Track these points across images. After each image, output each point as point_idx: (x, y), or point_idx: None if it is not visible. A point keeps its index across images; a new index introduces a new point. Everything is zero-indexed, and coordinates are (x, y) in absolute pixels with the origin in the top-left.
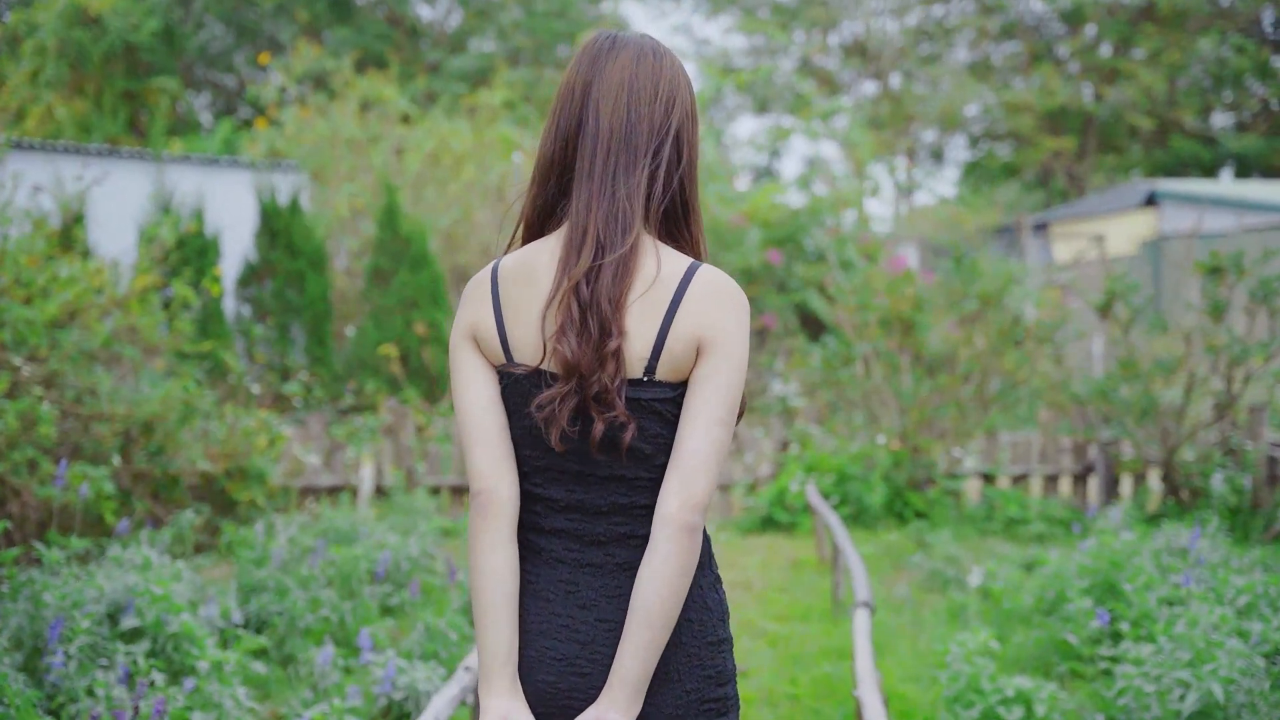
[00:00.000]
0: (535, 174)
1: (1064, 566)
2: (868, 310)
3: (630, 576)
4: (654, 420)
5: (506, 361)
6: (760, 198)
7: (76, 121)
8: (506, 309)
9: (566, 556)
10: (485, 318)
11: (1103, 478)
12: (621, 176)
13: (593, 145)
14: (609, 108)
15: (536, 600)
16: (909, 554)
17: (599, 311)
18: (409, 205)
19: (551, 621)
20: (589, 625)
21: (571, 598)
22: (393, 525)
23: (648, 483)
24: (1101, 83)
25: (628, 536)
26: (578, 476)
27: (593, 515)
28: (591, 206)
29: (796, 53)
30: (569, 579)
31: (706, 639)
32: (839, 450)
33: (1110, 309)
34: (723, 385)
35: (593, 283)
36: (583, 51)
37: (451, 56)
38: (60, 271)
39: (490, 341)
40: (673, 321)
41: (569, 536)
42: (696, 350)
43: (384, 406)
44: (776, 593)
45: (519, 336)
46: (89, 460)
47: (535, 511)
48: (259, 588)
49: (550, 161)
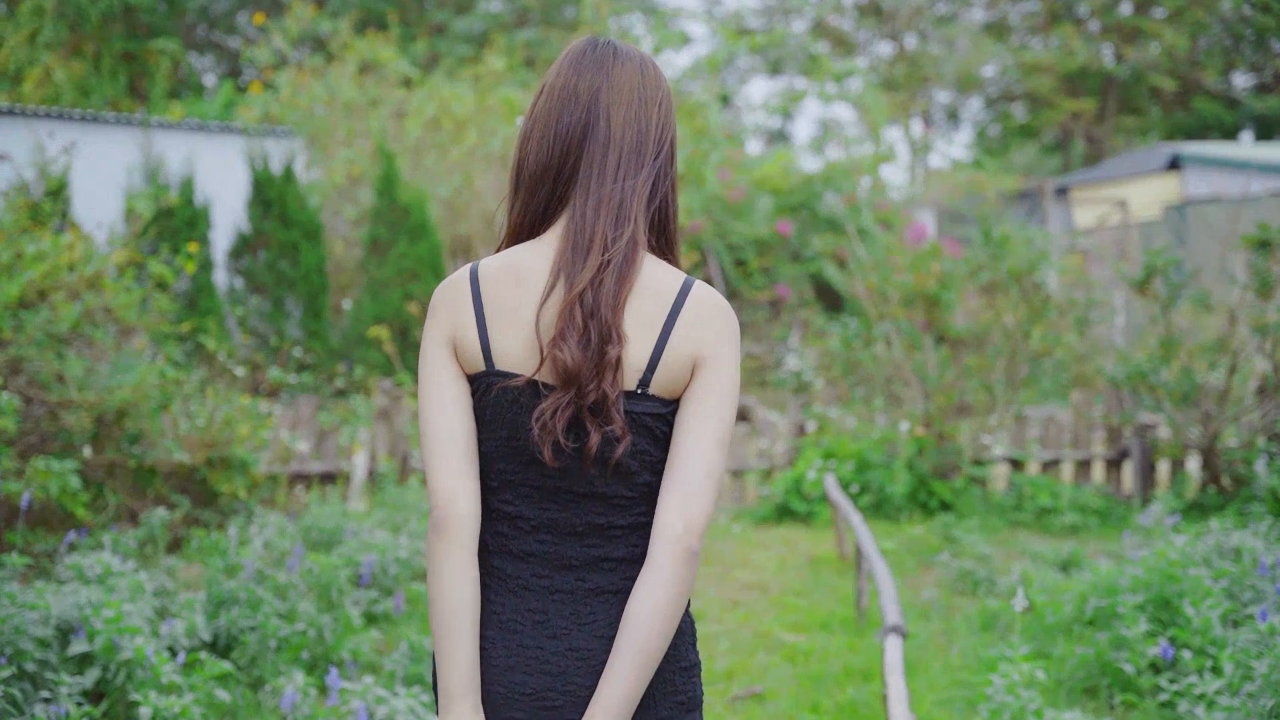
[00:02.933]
0: (525, 179)
1: (1115, 578)
2: (891, 287)
3: (602, 603)
4: (644, 436)
5: (486, 369)
6: (772, 165)
7: (75, 84)
8: (490, 314)
9: (534, 584)
10: (465, 323)
11: (1138, 464)
12: (629, 183)
13: (603, 150)
14: (621, 114)
15: (504, 632)
16: (935, 550)
17: (600, 318)
18: (408, 172)
19: (520, 655)
20: (560, 656)
21: (540, 628)
22: (383, 520)
23: (626, 501)
24: (1122, 42)
25: (600, 560)
26: (554, 493)
27: (565, 536)
28: (600, 211)
29: (810, 13)
30: (538, 608)
31: (679, 663)
32: (859, 435)
33: (1149, 285)
34: (722, 406)
35: (596, 288)
36: (580, 56)
37: (457, 17)
38: (28, 248)
39: (470, 348)
40: (670, 335)
41: (538, 560)
42: (691, 368)
43: (377, 389)
44: (794, 597)
45: (503, 343)
46: (59, 451)
47: (502, 533)
48: (230, 600)
49: (546, 166)
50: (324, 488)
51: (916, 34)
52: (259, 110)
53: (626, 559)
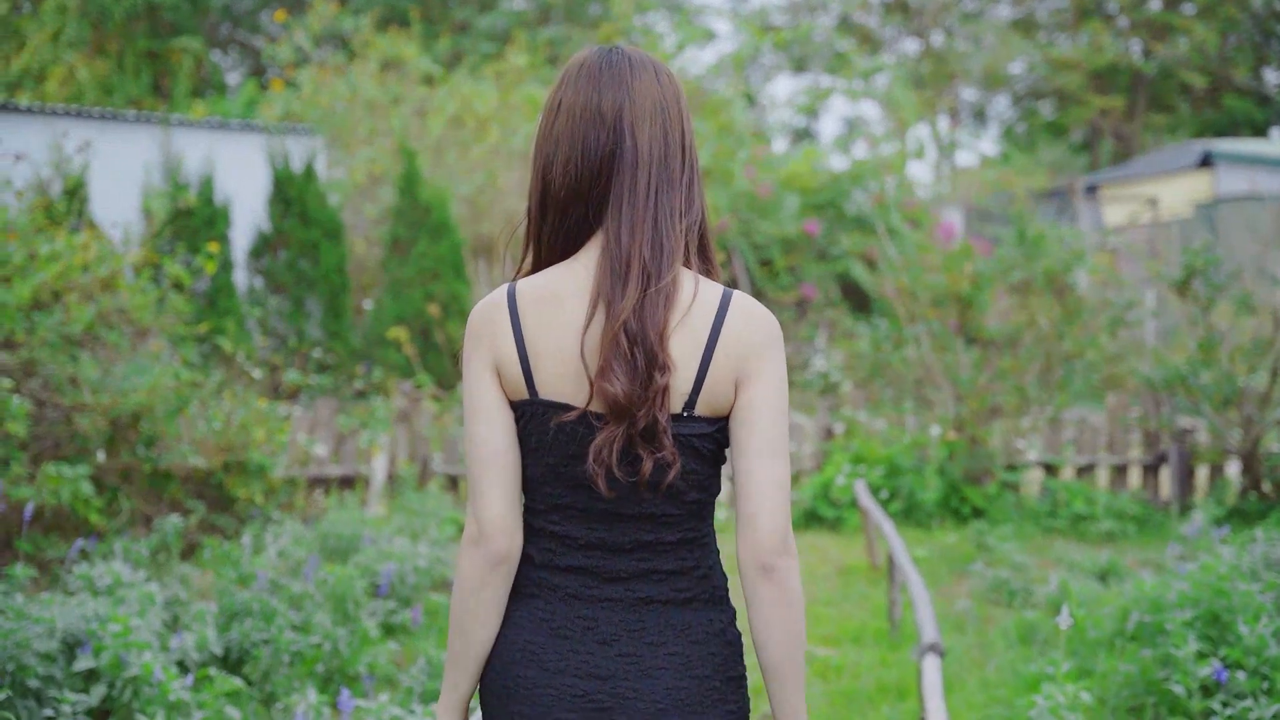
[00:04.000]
0: (552, 202)
1: (1161, 592)
2: (921, 288)
3: (652, 611)
4: (691, 457)
5: (530, 397)
6: (800, 163)
7: (98, 83)
8: (530, 341)
9: (584, 593)
10: (507, 350)
11: (1176, 469)
12: (664, 200)
13: (632, 170)
14: (646, 130)
15: (555, 637)
16: (968, 559)
17: (647, 345)
18: (430, 170)
19: (570, 659)
20: (610, 661)
21: (591, 634)
22: (402, 526)
23: (675, 519)
24: (1151, 39)
25: (650, 572)
26: (603, 515)
27: (613, 552)
28: (636, 234)
29: (836, 9)
30: (588, 615)
31: (728, 673)
32: (889, 439)
33: (1189, 285)
34: (773, 416)
35: (639, 315)
36: (597, 71)
37: (480, 15)
38: (42, 248)
39: (512, 375)
40: (713, 355)
41: (587, 574)
42: (735, 385)
43: (397, 391)
44: (824, 607)
45: (545, 371)
46: (73, 455)
47: (549, 549)
48: (242, 611)
49: (575, 189)
50: (343, 492)
51: (943, 30)
52: (280, 108)
53: (676, 571)
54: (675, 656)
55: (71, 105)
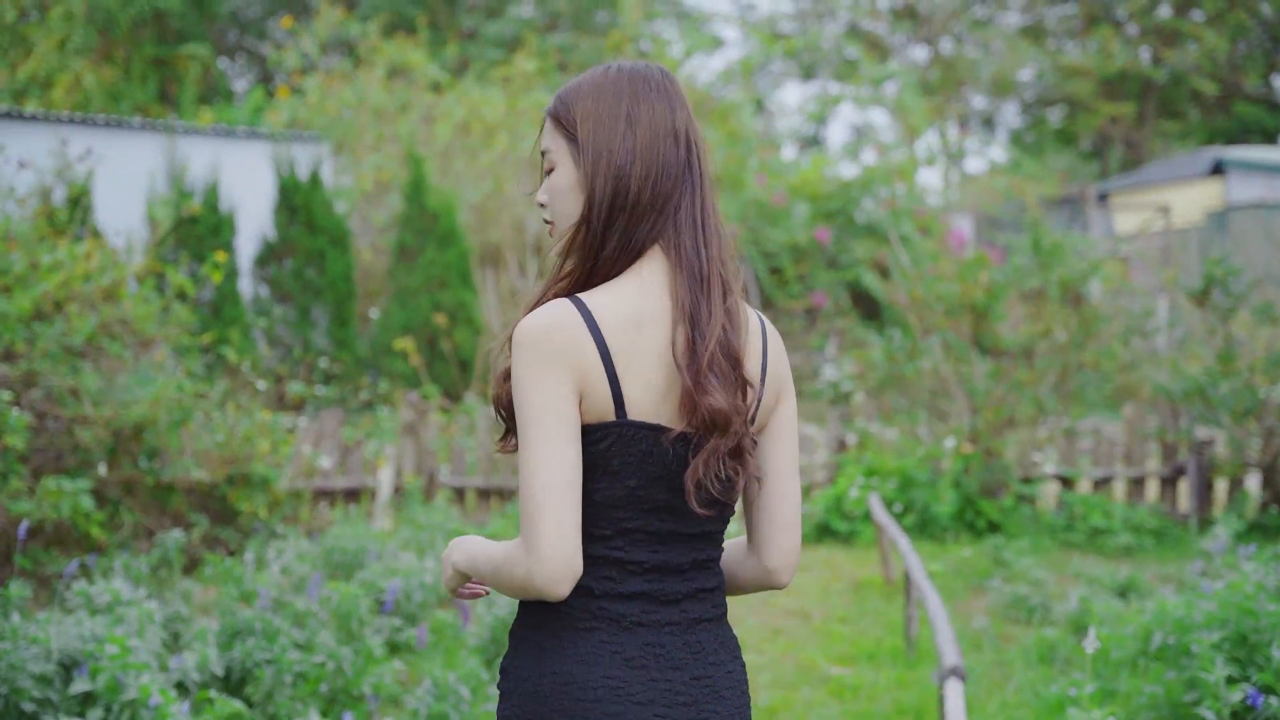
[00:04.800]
0: (621, 212)
1: (1187, 612)
2: (935, 297)
3: (705, 630)
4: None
5: (618, 419)
6: (810, 170)
7: (105, 90)
8: (618, 361)
9: (645, 619)
10: (594, 371)
11: (1195, 482)
12: (718, 214)
13: (699, 185)
14: (702, 146)
15: (633, 669)
16: (984, 574)
17: (736, 360)
18: (437, 177)
19: (654, 689)
20: (688, 686)
21: (661, 660)
22: (408, 540)
23: (719, 535)
24: (1162, 45)
25: (698, 591)
26: (667, 536)
27: (672, 574)
28: (710, 248)
29: (844, 16)
30: (654, 641)
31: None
32: (903, 450)
33: (1208, 295)
34: (795, 434)
35: (728, 331)
36: (663, 89)
37: (488, 22)
38: (44, 257)
39: (599, 397)
40: (766, 373)
41: (645, 599)
42: (776, 400)
43: (403, 401)
44: (839, 624)
45: (633, 390)
46: (74, 468)
47: (609, 577)
48: (245, 630)
49: (652, 202)
50: (348, 505)
51: (952, 37)
52: (286, 115)
53: (715, 588)
54: (732, 674)
55: (76, 113)
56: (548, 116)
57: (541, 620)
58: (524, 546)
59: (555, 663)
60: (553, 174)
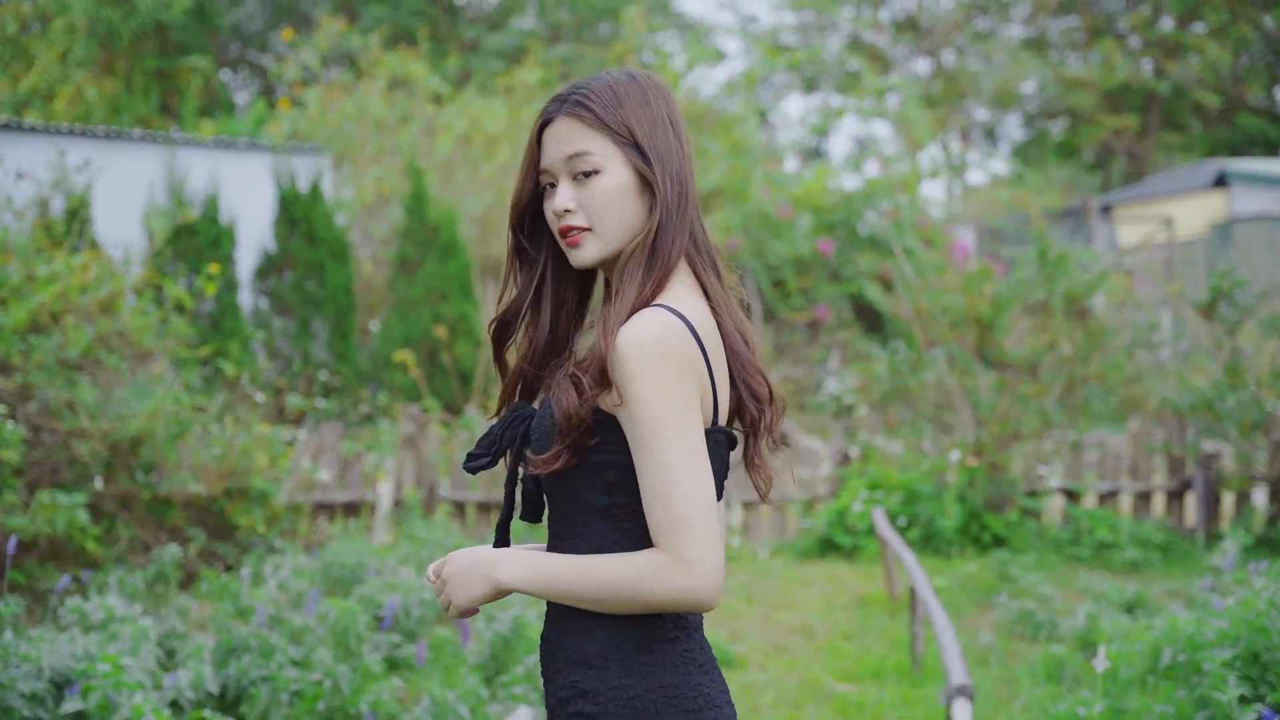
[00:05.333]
0: (680, 213)
1: (1198, 629)
2: (941, 311)
3: None
4: None
5: (713, 426)
6: (813, 181)
7: (107, 102)
8: (714, 367)
9: (699, 622)
10: (703, 376)
11: (1202, 496)
12: None
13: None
14: None
15: (705, 673)
16: (990, 589)
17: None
18: (438, 189)
19: (721, 689)
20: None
21: (713, 660)
22: (407, 555)
23: None
24: (1164, 58)
25: None
26: None
27: None
28: (716, 263)
29: (846, 29)
30: (705, 643)
31: None
32: (907, 464)
33: (1215, 308)
34: None
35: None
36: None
37: (490, 34)
38: (40, 269)
39: (707, 405)
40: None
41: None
42: None
43: (403, 414)
44: (843, 641)
45: (721, 397)
46: (71, 482)
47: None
48: (240, 647)
49: (694, 205)
50: (348, 519)
51: (954, 50)
52: (287, 127)
53: None
54: None
55: (76, 124)
56: (575, 116)
57: (642, 636)
58: (673, 559)
59: (660, 676)
60: (596, 177)
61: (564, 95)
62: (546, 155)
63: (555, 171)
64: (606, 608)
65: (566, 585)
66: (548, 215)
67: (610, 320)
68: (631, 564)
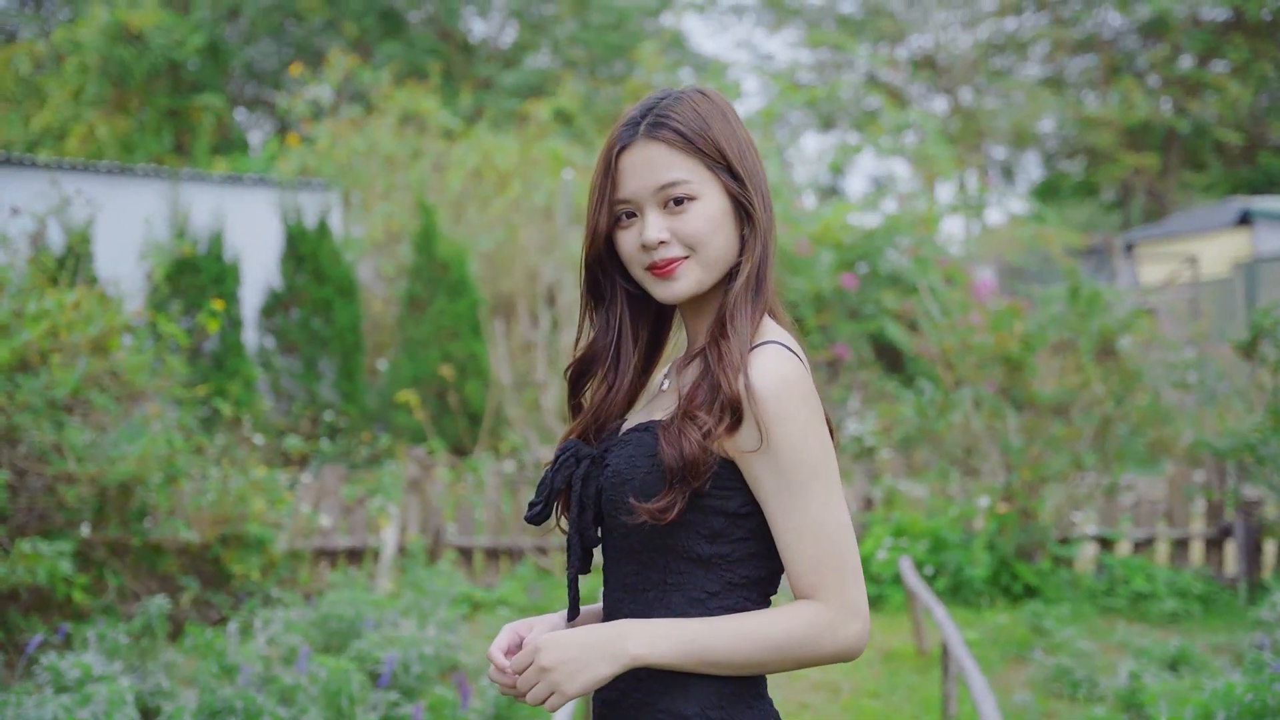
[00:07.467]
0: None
1: (1259, 697)
2: (969, 350)
3: None
4: None
5: None
6: (833, 217)
7: (119, 140)
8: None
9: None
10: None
11: (1243, 544)
12: None
13: None
14: None
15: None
16: (1023, 642)
17: None
18: (448, 226)
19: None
20: None
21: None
22: (410, 606)
23: None
24: (1184, 96)
25: None
26: None
27: None
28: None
29: (863, 66)
30: None
31: None
32: (933, 509)
33: (1256, 347)
34: None
35: None
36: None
37: (504, 72)
38: (29, 305)
39: None
40: None
41: None
42: None
43: (407, 457)
44: (870, 699)
45: None
46: (58, 529)
47: None
48: (224, 710)
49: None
50: (350, 566)
51: (972, 88)
52: (296, 163)
53: None
54: None
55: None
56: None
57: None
58: (842, 609)
59: (768, 706)
60: (692, 204)
61: (636, 118)
62: (628, 184)
63: (640, 201)
64: (756, 670)
65: (724, 653)
66: (625, 248)
67: (730, 357)
68: (798, 619)
